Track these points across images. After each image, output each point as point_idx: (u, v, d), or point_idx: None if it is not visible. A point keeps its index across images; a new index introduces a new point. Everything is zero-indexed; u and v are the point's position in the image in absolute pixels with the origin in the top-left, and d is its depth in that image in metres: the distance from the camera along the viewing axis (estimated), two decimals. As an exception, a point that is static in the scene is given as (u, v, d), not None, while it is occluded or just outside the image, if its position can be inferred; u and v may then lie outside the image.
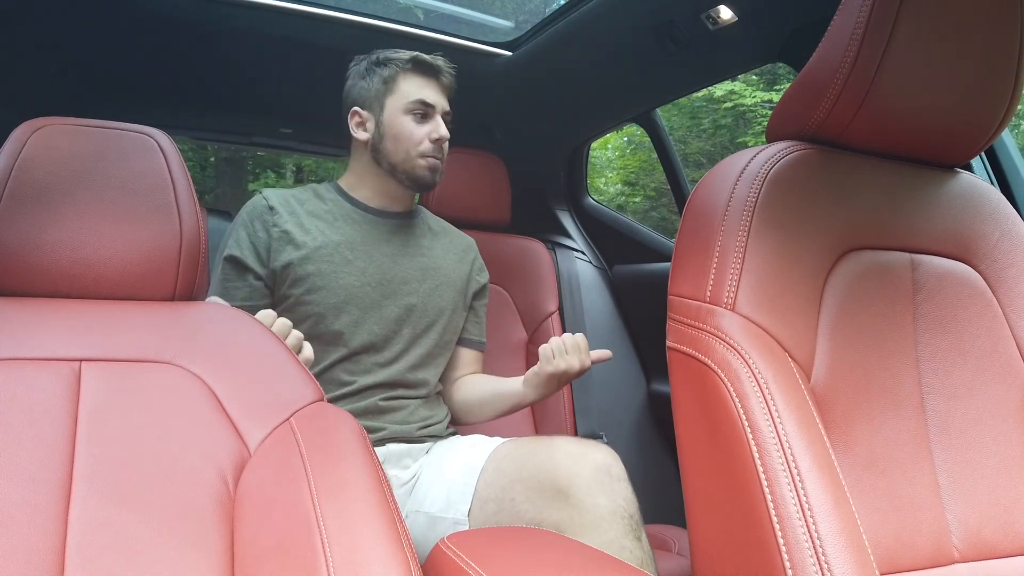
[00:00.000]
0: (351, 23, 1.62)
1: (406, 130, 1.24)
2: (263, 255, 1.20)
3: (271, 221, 1.21)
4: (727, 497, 0.62)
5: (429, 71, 1.25)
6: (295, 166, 8.76)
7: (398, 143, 1.24)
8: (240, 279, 1.20)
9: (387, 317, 1.23)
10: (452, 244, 1.39)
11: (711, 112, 7.77)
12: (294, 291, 1.19)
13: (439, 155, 1.25)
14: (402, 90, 1.24)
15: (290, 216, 1.22)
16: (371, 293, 1.22)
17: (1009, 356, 0.76)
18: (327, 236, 1.22)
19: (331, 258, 1.20)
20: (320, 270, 1.19)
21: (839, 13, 0.68)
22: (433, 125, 1.24)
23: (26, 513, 0.62)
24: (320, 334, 1.19)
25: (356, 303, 1.21)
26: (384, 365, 1.22)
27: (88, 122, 0.85)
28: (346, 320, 1.20)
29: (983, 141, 0.76)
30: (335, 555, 0.58)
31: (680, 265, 0.72)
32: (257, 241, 1.21)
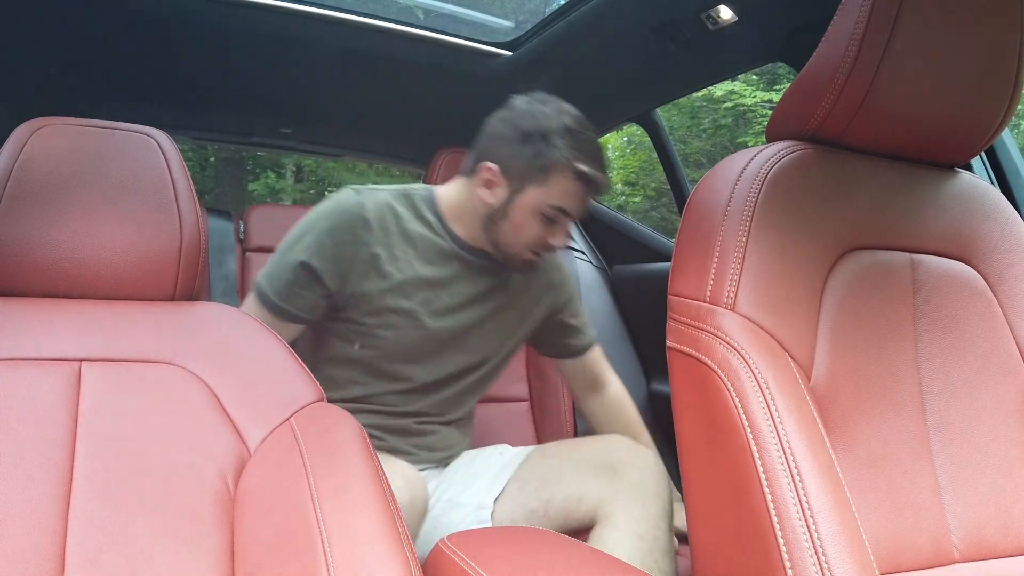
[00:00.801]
0: (351, 23, 1.62)
1: (530, 228, 1.09)
2: (343, 275, 1.08)
3: (363, 239, 1.08)
4: (727, 497, 0.62)
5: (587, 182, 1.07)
6: (295, 166, 8.76)
7: (516, 234, 1.10)
8: (307, 289, 1.09)
9: (455, 363, 1.17)
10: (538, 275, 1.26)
11: (711, 112, 7.77)
12: (367, 320, 1.10)
13: (545, 256, 1.14)
14: (550, 188, 1.06)
15: (383, 235, 1.09)
16: (444, 338, 1.14)
17: (1009, 356, 0.76)
18: (415, 270, 1.11)
19: (414, 295, 1.11)
20: (399, 306, 1.10)
21: (839, 13, 0.68)
22: (557, 231, 1.10)
23: (26, 513, 0.62)
24: (381, 368, 1.13)
25: (427, 347, 1.14)
26: (429, 396, 1.18)
27: (88, 122, 0.85)
28: (413, 362, 1.14)
29: (983, 141, 0.76)
30: (335, 555, 0.58)
31: (680, 265, 0.72)
32: (341, 258, 1.07)
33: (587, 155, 1.07)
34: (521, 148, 1.07)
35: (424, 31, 1.68)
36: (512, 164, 1.08)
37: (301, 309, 1.10)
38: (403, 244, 1.11)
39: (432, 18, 1.83)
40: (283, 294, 1.09)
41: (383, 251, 1.09)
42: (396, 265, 1.10)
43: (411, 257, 1.11)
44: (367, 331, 1.11)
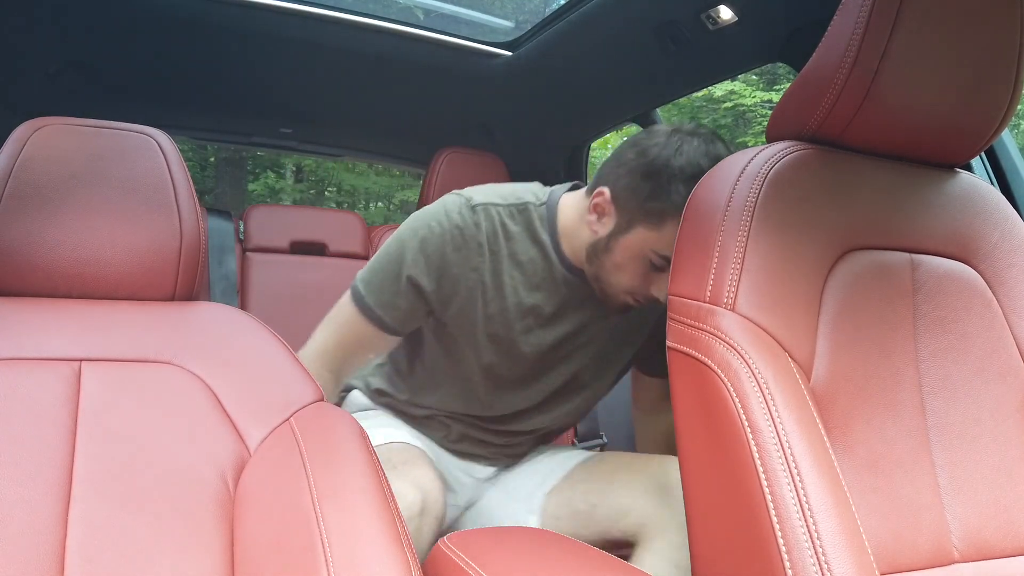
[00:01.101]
0: (351, 23, 1.62)
1: (632, 271, 0.97)
2: (448, 298, 1.03)
3: (472, 263, 1.01)
4: (727, 497, 0.62)
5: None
6: (295, 166, 8.77)
7: (615, 274, 0.98)
8: (409, 303, 1.03)
9: (551, 388, 1.11)
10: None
11: (711, 112, 7.77)
12: (460, 339, 1.05)
13: (642, 303, 1.01)
14: (662, 234, 0.94)
15: (492, 258, 1.02)
16: (536, 364, 1.08)
17: (1009, 356, 0.76)
18: (520, 297, 1.03)
19: (515, 324, 1.04)
20: (497, 334, 1.04)
21: (839, 13, 0.68)
22: (661, 281, 0.97)
23: (26, 513, 0.62)
24: (461, 390, 1.09)
25: (522, 373, 1.08)
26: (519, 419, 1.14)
27: (88, 122, 0.85)
28: (506, 387, 1.09)
29: (983, 141, 0.76)
30: (335, 555, 0.58)
31: (680, 265, 0.72)
32: (448, 280, 1.02)
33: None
34: (641, 182, 0.95)
35: (424, 31, 1.68)
36: (627, 196, 0.96)
37: (400, 323, 1.05)
38: (512, 269, 1.03)
39: (432, 18, 1.83)
40: (385, 305, 1.04)
41: (491, 278, 1.02)
42: (501, 291, 1.03)
43: (518, 283, 1.04)
44: (463, 353, 1.06)
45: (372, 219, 9.01)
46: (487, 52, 1.76)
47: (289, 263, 1.72)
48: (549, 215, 1.05)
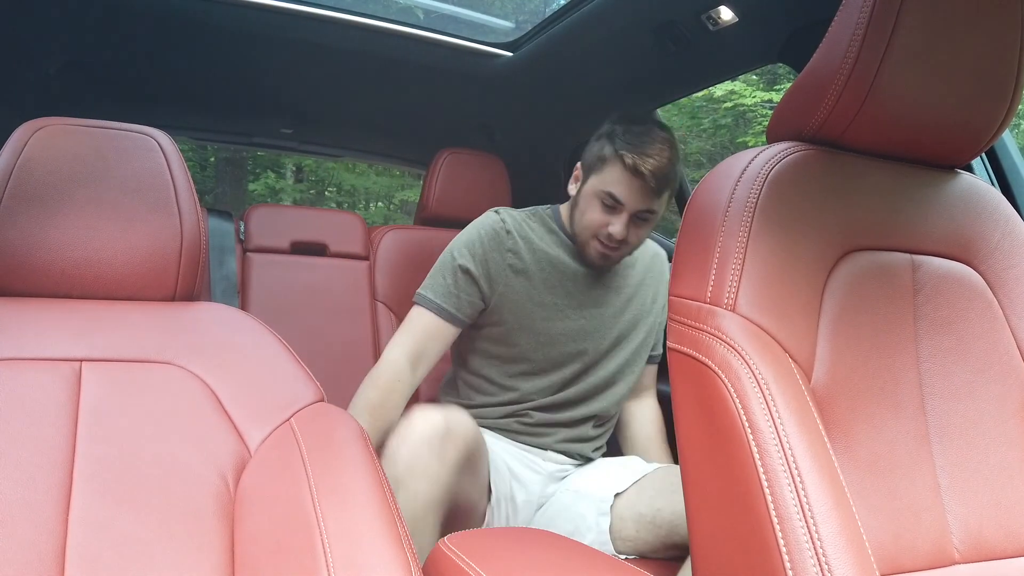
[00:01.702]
0: (351, 23, 1.62)
1: (590, 213, 1.22)
2: (492, 276, 1.25)
3: (507, 244, 1.26)
4: (727, 497, 0.62)
5: (635, 173, 1.17)
6: (295, 166, 8.76)
7: (580, 219, 1.24)
8: (464, 290, 1.25)
9: (582, 361, 1.28)
10: (645, 269, 1.38)
11: (711, 112, 7.77)
12: (513, 320, 1.26)
13: (613, 247, 1.22)
14: (604, 176, 1.20)
15: (523, 241, 1.27)
16: (566, 339, 1.27)
17: (1009, 357, 0.76)
18: (545, 276, 1.27)
19: (545, 300, 1.26)
20: (543, 302, 1.25)
21: (839, 14, 0.68)
22: (614, 220, 1.19)
23: (26, 513, 0.62)
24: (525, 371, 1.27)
25: (557, 346, 1.27)
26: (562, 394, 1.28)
27: (88, 122, 0.85)
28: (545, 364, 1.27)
29: (983, 141, 0.76)
30: (335, 555, 0.58)
31: (680, 266, 0.72)
32: (490, 261, 1.25)
33: (638, 149, 1.17)
34: (594, 144, 1.24)
35: (424, 31, 1.68)
36: (588, 158, 1.25)
37: (460, 310, 1.23)
38: (533, 255, 1.26)
39: (432, 18, 1.83)
40: (444, 295, 1.23)
41: (528, 256, 1.26)
42: (528, 273, 1.25)
43: (543, 265, 1.26)
44: (505, 336, 1.25)
45: (372, 219, 9.02)
46: (487, 52, 1.76)
47: (289, 263, 1.72)
48: (554, 211, 1.34)
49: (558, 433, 1.27)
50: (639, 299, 1.34)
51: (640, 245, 1.26)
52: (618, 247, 1.21)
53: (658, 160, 1.16)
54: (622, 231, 1.19)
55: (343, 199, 9.81)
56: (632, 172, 1.16)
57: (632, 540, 1.10)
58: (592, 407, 1.28)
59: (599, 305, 1.28)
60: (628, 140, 1.18)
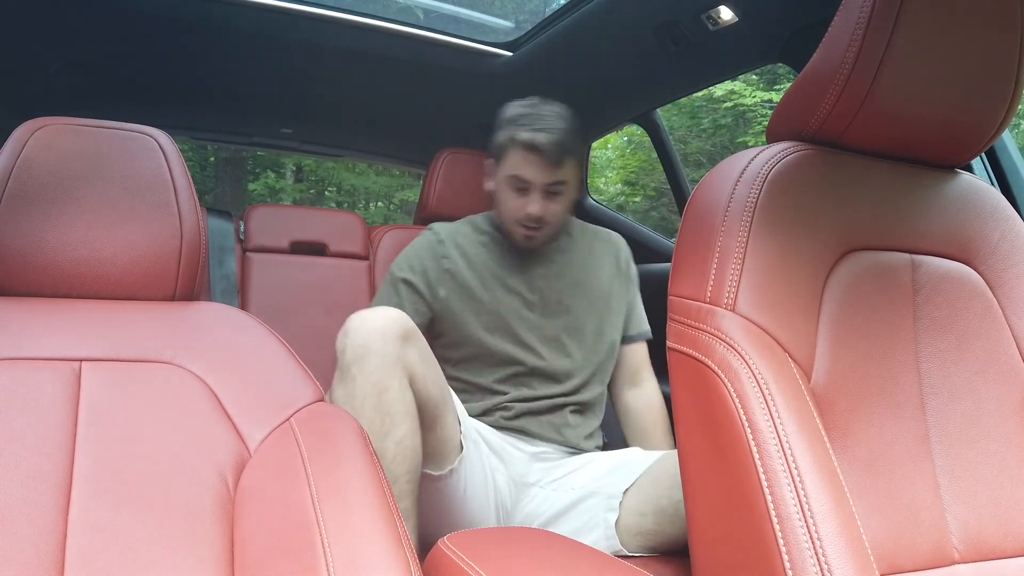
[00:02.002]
0: (351, 23, 1.62)
1: (507, 201, 1.28)
2: (432, 283, 1.32)
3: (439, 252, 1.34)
4: (727, 497, 0.62)
5: (531, 148, 1.22)
6: (295, 166, 8.77)
7: (501, 209, 1.31)
8: (408, 299, 1.32)
9: (552, 338, 1.31)
10: (600, 247, 1.43)
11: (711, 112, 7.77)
12: (461, 315, 1.31)
13: (535, 227, 1.27)
14: (508, 162, 1.27)
15: (455, 249, 1.34)
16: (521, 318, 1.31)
17: (1009, 357, 0.76)
18: (487, 268, 1.33)
19: (488, 287, 1.31)
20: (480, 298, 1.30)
21: (839, 14, 0.68)
22: (528, 201, 1.25)
23: (26, 513, 0.62)
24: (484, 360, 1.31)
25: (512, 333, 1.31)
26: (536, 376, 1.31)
27: (88, 122, 0.85)
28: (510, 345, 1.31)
29: (983, 141, 0.76)
30: (335, 555, 0.58)
31: (680, 266, 0.72)
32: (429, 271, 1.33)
33: (528, 126, 1.23)
34: (494, 137, 1.31)
35: (424, 31, 1.68)
36: (492, 154, 1.32)
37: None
38: (467, 259, 1.33)
39: (432, 18, 1.84)
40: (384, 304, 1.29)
41: (461, 260, 1.32)
42: (465, 274, 1.31)
43: (476, 263, 1.32)
44: (459, 338, 1.29)
45: (372, 219, 9.02)
46: (487, 52, 1.76)
47: (289, 263, 1.72)
48: (485, 216, 1.41)
49: (539, 419, 1.28)
50: (588, 283, 1.36)
51: (561, 221, 1.30)
52: (539, 225, 1.26)
53: (550, 131, 1.21)
54: (538, 209, 1.25)
55: (343, 199, 9.81)
56: (529, 149, 1.22)
57: (652, 534, 1.08)
58: (563, 392, 1.29)
59: (538, 292, 1.32)
60: (519, 122, 1.24)
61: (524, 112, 1.26)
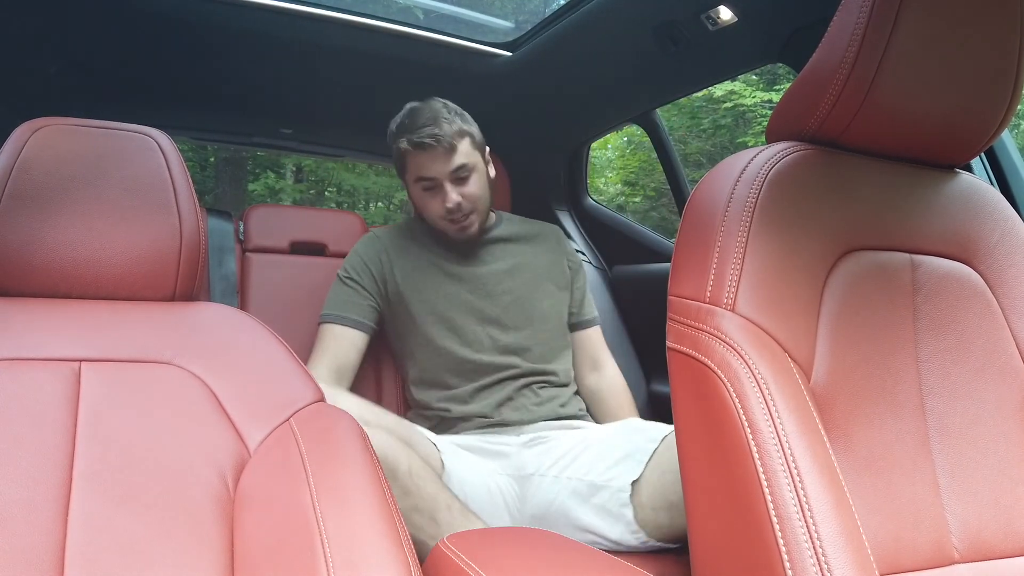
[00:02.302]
0: (351, 23, 1.62)
1: (424, 203, 1.34)
2: (377, 279, 1.40)
3: (380, 248, 1.43)
4: (727, 497, 0.62)
5: (418, 146, 1.28)
6: (295, 166, 8.76)
7: (424, 212, 1.36)
8: (359, 296, 1.38)
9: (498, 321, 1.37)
10: (542, 238, 1.50)
11: (711, 112, 7.77)
12: (410, 308, 1.38)
13: (460, 216, 1.32)
14: (408, 170, 1.33)
15: (391, 245, 1.42)
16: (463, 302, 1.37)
17: (1009, 356, 0.76)
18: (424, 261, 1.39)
19: (428, 277, 1.37)
20: (422, 288, 1.37)
21: (839, 14, 0.68)
22: (441, 196, 1.30)
23: (26, 513, 0.62)
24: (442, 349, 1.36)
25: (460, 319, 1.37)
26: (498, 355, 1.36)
27: (88, 122, 0.85)
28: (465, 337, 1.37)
29: (983, 141, 0.76)
30: (335, 555, 0.58)
31: (680, 266, 0.72)
32: (372, 268, 1.41)
33: (406, 129, 1.29)
34: (394, 155, 1.37)
35: (424, 31, 1.68)
36: (397, 169, 1.39)
37: (362, 315, 1.35)
38: (404, 251, 1.40)
39: (432, 18, 1.83)
40: (342, 306, 1.34)
41: (396, 256, 1.39)
42: (406, 266, 1.38)
43: (414, 253, 1.39)
44: (417, 317, 1.34)
45: (372, 219, 9.02)
46: (487, 52, 1.76)
47: (289, 263, 1.72)
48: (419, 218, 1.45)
49: (511, 405, 1.31)
50: (528, 264, 1.42)
51: (484, 201, 1.35)
52: (462, 214, 1.31)
53: (426, 125, 1.27)
54: (453, 198, 1.29)
55: (343, 199, 9.81)
56: (416, 148, 1.27)
57: (668, 528, 1.08)
58: (521, 370, 1.33)
59: (478, 277, 1.37)
60: (400, 132, 1.31)
61: (401, 120, 1.32)
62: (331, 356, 1.30)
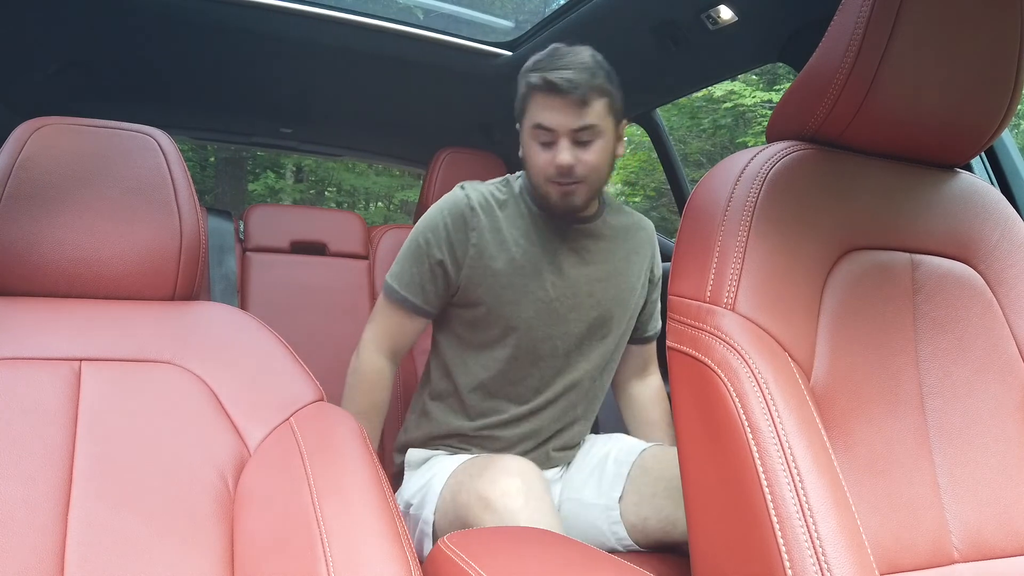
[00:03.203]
0: (351, 23, 1.62)
1: (534, 156, 1.15)
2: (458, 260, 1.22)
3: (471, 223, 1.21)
4: (727, 497, 0.62)
5: (552, 90, 1.09)
6: (295, 166, 8.77)
7: (530, 167, 1.17)
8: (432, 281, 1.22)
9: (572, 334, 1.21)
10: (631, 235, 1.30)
11: (711, 112, 7.77)
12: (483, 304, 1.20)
13: (567, 180, 1.12)
14: (529, 113, 1.14)
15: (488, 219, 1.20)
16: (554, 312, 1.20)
17: (1009, 356, 0.76)
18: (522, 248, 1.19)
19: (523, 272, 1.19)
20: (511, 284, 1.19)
21: (839, 13, 0.68)
22: (556, 151, 1.11)
23: (26, 512, 0.62)
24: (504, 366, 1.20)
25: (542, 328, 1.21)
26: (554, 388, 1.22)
27: (88, 122, 0.85)
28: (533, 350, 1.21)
29: (983, 141, 0.76)
30: (335, 555, 0.58)
31: (680, 265, 0.72)
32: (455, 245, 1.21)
33: (546, 67, 1.10)
34: (517, 92, 1.19)
35: (424, 31, 1.68)
36: (516, 110, 1.20)
37: (427, 302, 1.19)
38: (510, 227, 1.19)
39: (432, 18, 1.83)
40: (410, 287, 1.19)
41: (491, 236, 1.18)
42: (505, 246, 1.17)
43: (519, 236, 1.19)
44: (491, 320, 1.18)
45: (372, 219, 9.02)
46: (487, 52, 1.76)
47: (289, 263, 1.72)
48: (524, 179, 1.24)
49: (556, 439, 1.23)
50: (622, 278, 1.24)
51: (599, 176, 1.15)
52: (572, 179, 1.11)
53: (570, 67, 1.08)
54: (567, 157, 1.10)
55: (343, 199, 9.81)
56: (548, 90, 1.09)
57: (656, 538, 1.10)
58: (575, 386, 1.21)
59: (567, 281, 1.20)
60: (536, 67, 1.12)
61: (542, 56, 1.13)
62: (388, 336, 1.22)
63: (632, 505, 1.12)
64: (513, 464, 1.01)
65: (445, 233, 1.17)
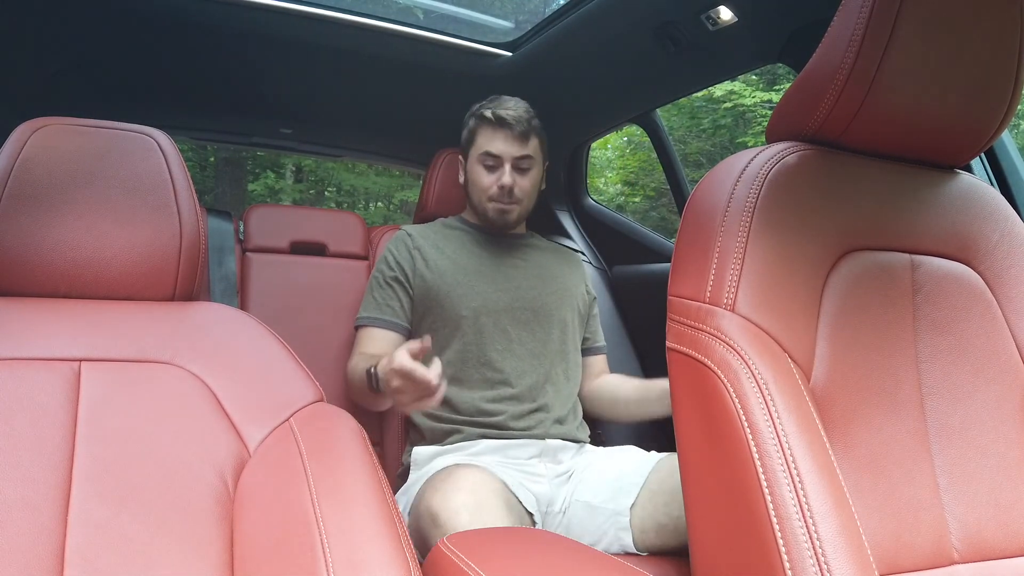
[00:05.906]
0: (351, 23, 1.62)
1: (479, 179, 1.39)
2: (407, 273, 1.41)
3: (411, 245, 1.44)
4: (727, 498, 0.62)
5: (500, 123, 1.35)
6: (295, 166, 8.77)
7: (473, 190, 1.41)
8: (393, 295, 1.40)
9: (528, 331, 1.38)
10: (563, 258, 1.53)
11: (711, 112, 7.77)
12: (440, 306, 1.37)
13: (507, 200, 1.37)
14: (476, 143, 1.39)
15: (423, 241, 1.43)
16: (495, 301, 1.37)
17: (1009, 356, 0.76)
18: (452, 261, 1.39)
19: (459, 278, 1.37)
20: (450, 288, 1.37)
21: (839, 14, 0.68)
22: (499, 174, 1.36)
23: (26, 513, 0.62)
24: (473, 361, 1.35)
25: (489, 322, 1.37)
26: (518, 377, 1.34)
27: (88, 122, 0.85)
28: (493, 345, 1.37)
29: (983, 141, 0.76)
30: (335, 555, 0.58)
31: (680, 266, 0.72)
32: (403, 263, 1.41)
33: (493, 105, 1.37)
34: (463, 132, 1.45)
35: (424, 31, 1.68)
36: (463, 146, 1.45)
37: (397, 315, 1.36)
38: (436, 248, 1.41)
39: (432, 18, 1.83)
40: (378, 308, 1.37)
41: (424, 254, 1.39)
42: (436, 260, 1.38)
43: (446, 250, 1.40)
44: (439, 317, 1.34)
45: (372, 219, 9.02)
46: (487, 52, 1.76)
47: (289, 263, 1.72)
48: (456, 216, 1.51)
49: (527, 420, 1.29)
50: (557, 281, 1.43)
51: (529, 201, 1.40)
52: (510, 199, 1.36)
53: (514, 108, 1.35)
54: (509, 179, 1.35)
55: (343, 199, 9.81)
56: (496, 124, 1.34)
57: (658, 547, 1.11)
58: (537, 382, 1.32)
59: (510, 279, 1.38)
60: (484, 106, 1.39)
61: (486, 101, 1.40)
62: (368, 360, 1.28)
63: (646, 512, 1.12)
64: (467, 481, 1.04)
65: (394, 259, 1.40)
